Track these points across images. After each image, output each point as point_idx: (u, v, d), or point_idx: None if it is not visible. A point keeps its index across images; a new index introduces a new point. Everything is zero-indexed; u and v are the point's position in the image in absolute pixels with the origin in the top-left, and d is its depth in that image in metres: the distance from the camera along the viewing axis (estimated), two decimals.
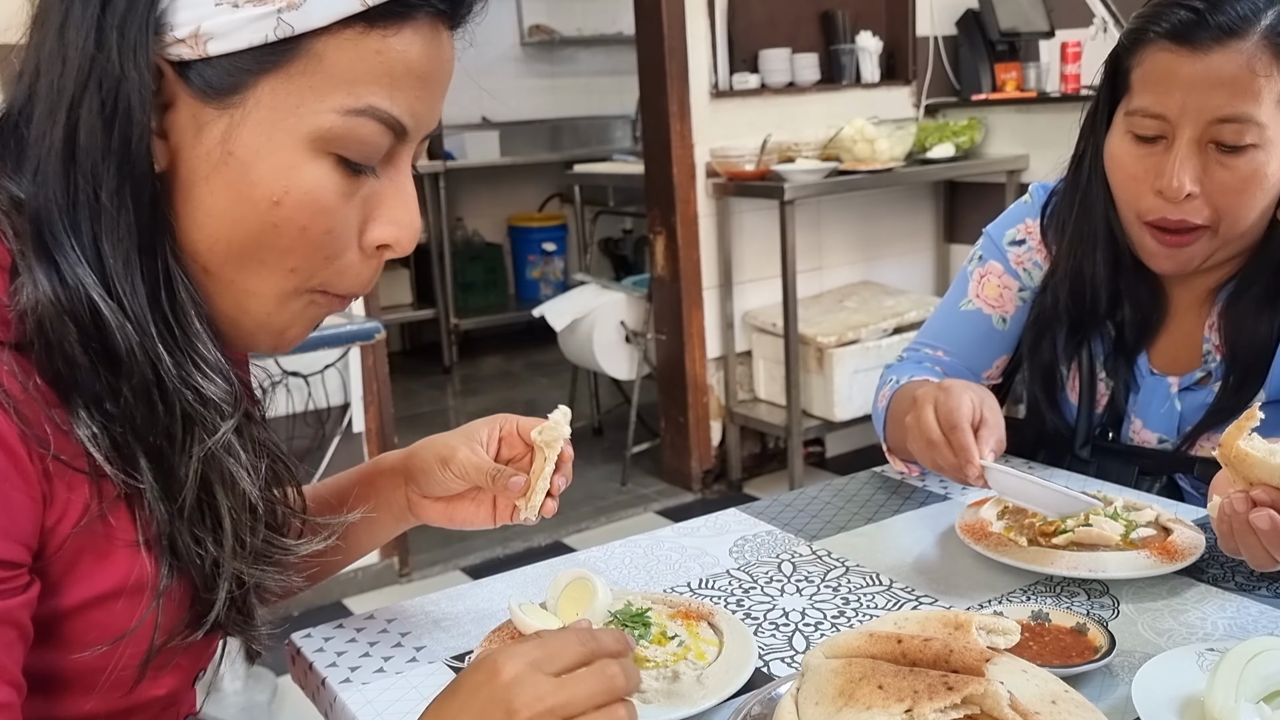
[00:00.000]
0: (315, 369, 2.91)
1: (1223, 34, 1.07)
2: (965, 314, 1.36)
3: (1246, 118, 1.07)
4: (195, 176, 0.66)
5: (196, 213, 0.66)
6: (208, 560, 0.69)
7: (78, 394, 0.63)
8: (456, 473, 0.90)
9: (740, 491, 3.71)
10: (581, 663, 0.65)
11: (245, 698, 2.40)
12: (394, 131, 0.68)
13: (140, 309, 0.64)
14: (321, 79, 0.64)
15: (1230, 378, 1.18)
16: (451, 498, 0.93)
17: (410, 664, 0.92)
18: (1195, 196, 1.11)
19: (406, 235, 0.71)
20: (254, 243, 0.67)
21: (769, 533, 1.16)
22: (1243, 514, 0.85)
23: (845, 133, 3.51)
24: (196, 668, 0.78)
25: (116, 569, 0.67)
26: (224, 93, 0.64)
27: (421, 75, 0.68)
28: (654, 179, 3.58)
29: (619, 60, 6.06)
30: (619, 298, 3.83)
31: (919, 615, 0.75)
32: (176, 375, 0.66)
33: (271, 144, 0.65)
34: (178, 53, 0.63)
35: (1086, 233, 1.23)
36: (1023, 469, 1.30)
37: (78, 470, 0.64)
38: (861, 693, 0.67)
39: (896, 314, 3.55)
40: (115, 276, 0.64)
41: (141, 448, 0.66)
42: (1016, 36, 3.75)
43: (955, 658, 0.68)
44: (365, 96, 0.65)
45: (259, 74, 0.64)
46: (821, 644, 0.73)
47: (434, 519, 0.95)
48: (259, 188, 0.65)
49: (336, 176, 0.66)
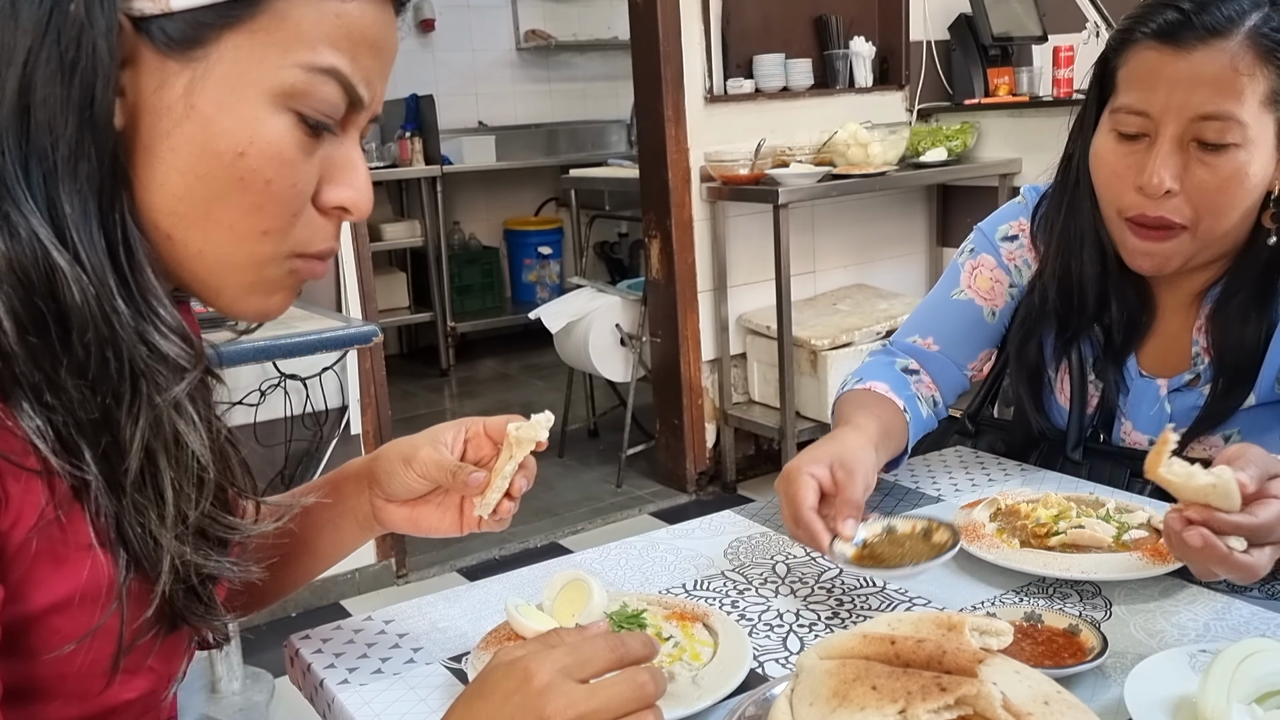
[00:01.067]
0: (313, 371, 2.91)
1: (1207, 33, 1.08)
2: (957, 303, 1.37)
3: (1228, 115, 1.08)
4: (156, 133, 0.65)
5: (157, 171, 0.66)
6: (149, 537, 0.68)
7: (18, 385, 0.62)
8: (419, 471, 0.90)
9: (735, 493, 3.72)
10: (611, 668, 0.66)
11: (243, 698, 2.40)
12: (350, 98, 0.69)
13: (98, 261, 0.63)
14: (284, 35, 0.65)
15: (1219, 381, 1.19)
16: (416, 502, 0.92)
17: (408, 665, 0.93)
18: (1175, 194, 1.11)
19: (363, 199, 0.72)
20: (220, 199, 0.66)
21: (763, 534, 1.16)
22: (1178, 532, 0.87)
23: (839, 137, 3.52)
24: (170, 670, 0.77)
25: (74, 573, 0.66)
26: (186, 46, 0.64)
27: (375, 45, 0.69)
28: (649, 183, 3.59)
29: (614, 65, 6.07)
30: (614, 301, 3.84)
31: (912, 617, 0.75)
32: (134, 328, 0.65)
33: (235, 97, 0.65)
34: (139, 7, 0.63)
35: (1074, 232, 1.24)
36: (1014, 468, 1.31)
37: (28, 470, 0.62)
38: (855, 694, 0.67)
39: (890, 317, 3.57)
40: (75, 228, 0.63)
41: (86, 424, 0.64)
42: (1009, 41, 3.76)
43: (948, 659, 0.68)
44: (327, 56, 0.66)
45: (222, 28, 0.64)
46: (816, 645, 0.74)
47: (398, 524, 0.93)
48: (223, 139, 0.65)
49: (298, 132, 0.67)
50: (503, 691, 0.64)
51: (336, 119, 0.69)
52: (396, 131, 5.26)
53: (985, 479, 1.29)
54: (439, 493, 0.92)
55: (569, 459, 3.99)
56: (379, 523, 0.94)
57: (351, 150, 0.72)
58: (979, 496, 1.17)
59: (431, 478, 0.90)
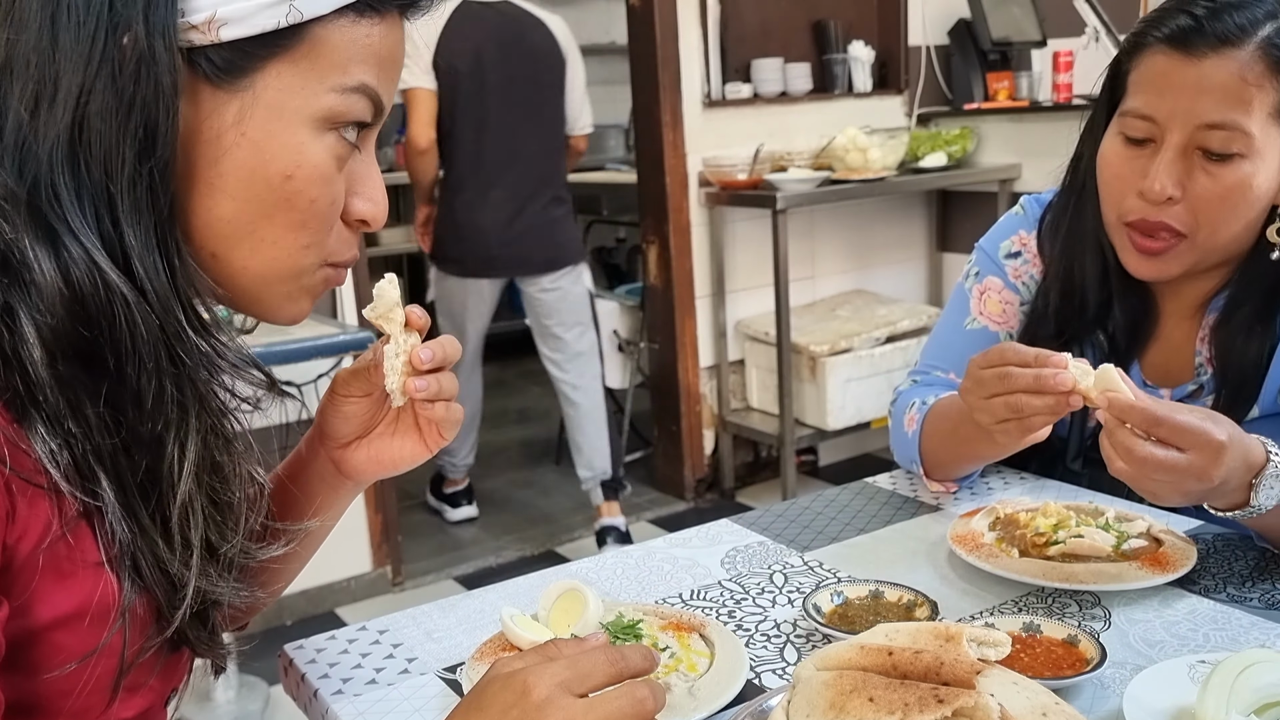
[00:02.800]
0: (309, 378, 2.89)
1: (1219, 42, 1.07)
2: (971, 333, 1.34)
3: (1234, 125, 1.07)
4: (203, 161, 0.68)
5: (205, 196, 0.68)
6: (159, 564, 0.68)
7: (36, 409, 0.63)
8: (342, 392, 0.87)
9: (733, 500, 3.71)
10: (610, 682, 0.66)
11: (238, 708, 2.39)
12: (375, 109, 0.72)
13: (164, 290, 0.66)
14: (323, 62, 0.68)
15: (1222, 394, 1.18)
16: (370, 436, 0.89)
17: (402, 675, 0.92)
18: (1176, 201, 1.11)
19: (381, 211, 0.76)
20: (266, 219, 0.69)
21: (761, 543, 1.16)
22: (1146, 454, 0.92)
23: (838, 142, 3.52)
24: (168, 688, 0.77)
25: (79, 590, 0.66)
26: (234, 76, 0.67)
27: (393, 59, 0.73)
28: (647, 188, 3.58)
29: (612, 70, 6.06)
30: (612, 307, 3.84)
31: (910, 627, 0.75)
32: (203, 356, 0.68)
33: (282, 123, 0.68)
34: (188, 39, 0.65)
35: (1079, 234, 1.23)
36: (1013, 477, 1.30)
37: (37, 486, 0.63)
38: (852, 705, 0.67)
39: (889, 323, 3.56)
40: (138, 258, 0.65)
41: (105, 452, 0.64)
42: (1009, 46, 3.76)
43: (946, 670, 0.68)
44: (357, 75, 0.70)
45: (266, 58, 0.67)
46: (813, 655, 0.73)
47: (362, 468, 0.89)
48: (273, 164, 0.68)
49: (337, 151, 0.71)
50: (500, 704, 0.64)
51: (361, 132, 0.73)
52: (392, 137, 5.25)
53: (984, 488, 1.29)
54: (386, 422, 0.89)
55: (566, 466, 3.99)
56: (345, 474, 0.91)
57: (369, 162, 0.76)
58: (978, 505, 1.17)
59: (357, 386, 0.87)
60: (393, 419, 0.89)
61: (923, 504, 1.25)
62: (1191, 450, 0.91)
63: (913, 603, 0.95)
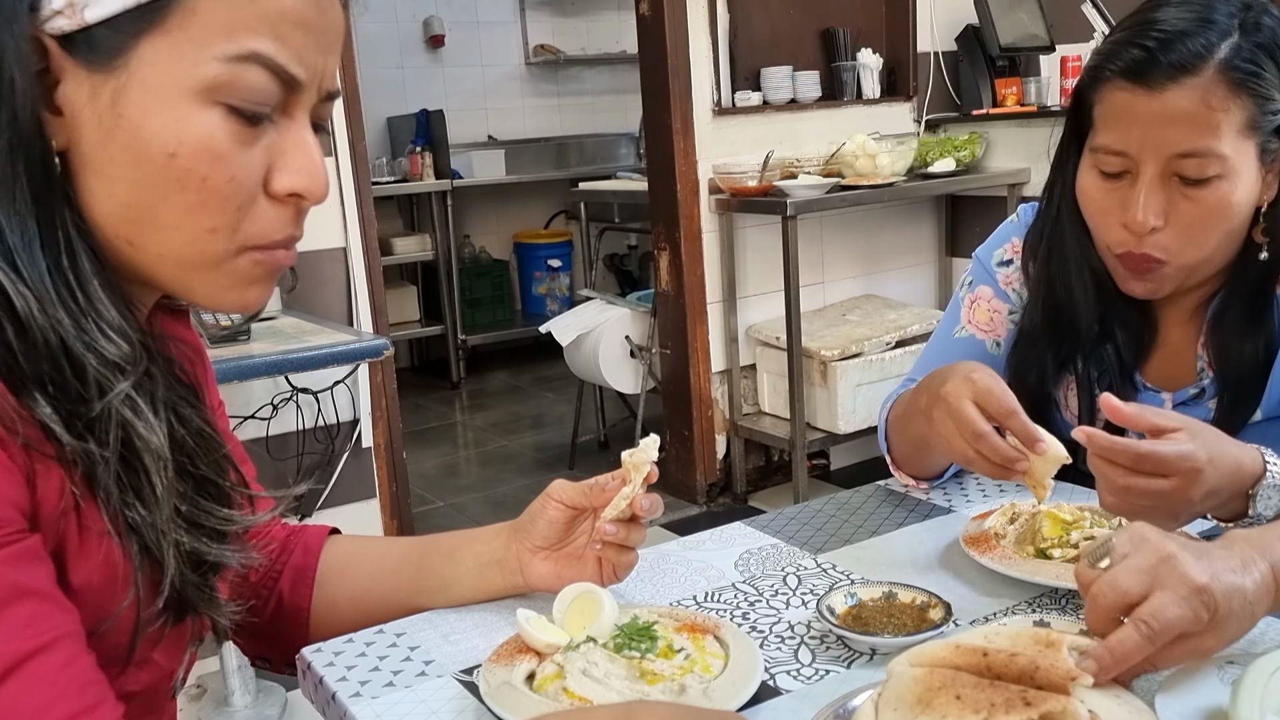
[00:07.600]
0: (325, 385, 2.92)
1: (1176, 71, 1.06)
2: (959, 341, 1.35)
3: (1206, 151, 1.06)
4: (94, 147, 0.66)
5: (103, 182, 0.67)
6: (147, 524, 0.69)
7: (25, 381, 0.64)
8: (557, 498, 0.99)
9: (745, 504, 3.71)
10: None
11: (255, 712, 2.40)
12: (283, 80, 0.68)
13: (38, 277, 0.65)
14: (199, 30, 0.65)
15: (1224, 397, 1.19)
16: (560, 557, 1.00)
17: (419, 678, 0.93)
18: (1161, 229, 1.11)
19: (315, 183, 0.71)
20: (162, 202, 0.67)
21: (774, 546, 1.16)
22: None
23: (847, 148, 3.52)
24: (173, 664, 0.78)
25: (92, 558, 0.68)
26: (109, 57, 0.65)
27: (301, 23, 0.68)
28: (658, 195, 3.60)
29: (623, 79, 6.10)
30: (624, 313, 3.85)
31: (1010, 630, 0.74)
32: (76, 335, 0.66)
33: (159, 100, 0.65)
34: (57, 26, 0.64)
35: (1062, 258, 1.24)
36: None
37: (46, 456, 0.64)
38: (939, 701, 0.67)
39: (899, 327, 3.56)
40: (15, 249, 0.64)
41: (84, 423, 0.66)
42: (1017, 52, 3.77)
43: (1041, 675, 0.67)
44: (247, 43, 0.66)
45: (137, 34, 0.64)
46: (908, 651, 0.74)
47: (543, 575, 1.00)
48: (153, 143, 0.65)
49: (229, 125, 0.67)
50: None
51: (271, 105, 0.69)
52: (407, 146, 5.28)
53: (997, 489, 1.29)
54: (575, 545, 1.01)
55: (579, 470, 4.00)
56: (524, 578, 1.01)
57: (301, 133, 0.71)
58: (991, 507, 1.17)
59: (571, 500, 0.99)
60: (581, 546, 1.01)
61: (935, 506, 1.25)
62: (1175, 476, 0.92)
63: (926, 604, 0.95)
